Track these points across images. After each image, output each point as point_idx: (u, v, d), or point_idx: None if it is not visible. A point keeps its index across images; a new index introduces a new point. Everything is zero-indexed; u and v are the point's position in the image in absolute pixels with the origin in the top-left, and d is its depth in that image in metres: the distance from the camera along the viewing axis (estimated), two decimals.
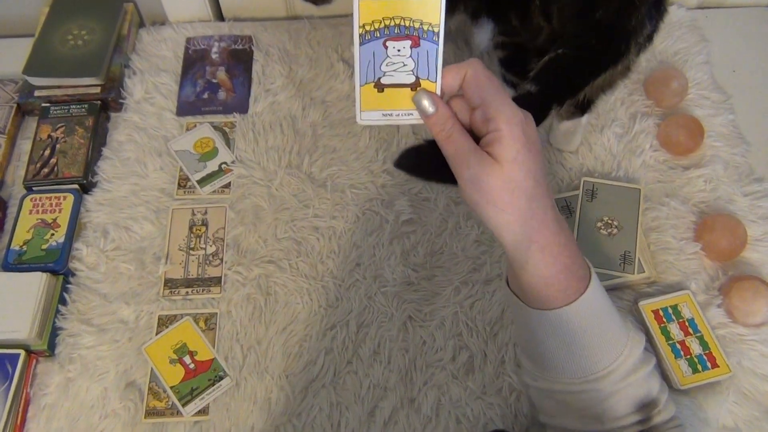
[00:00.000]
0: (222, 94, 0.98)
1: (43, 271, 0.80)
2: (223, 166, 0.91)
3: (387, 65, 0.50)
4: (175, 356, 0.78)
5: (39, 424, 0.74)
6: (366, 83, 0.51)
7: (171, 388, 0.76)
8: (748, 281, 0.78)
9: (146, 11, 1.07)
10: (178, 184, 0.90)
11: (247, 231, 0.86)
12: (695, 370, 0.74)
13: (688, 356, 0.75)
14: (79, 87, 0.95)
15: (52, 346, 0.78)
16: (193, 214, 0.88)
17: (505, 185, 0.50)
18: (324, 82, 0.99)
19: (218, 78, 0.99)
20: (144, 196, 0.89)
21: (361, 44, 0.50)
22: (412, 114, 0.52)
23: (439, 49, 0.50)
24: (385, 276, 0.82)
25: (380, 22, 0.49)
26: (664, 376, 0.75)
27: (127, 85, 0.98)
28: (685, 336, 0.76)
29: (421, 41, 0.50)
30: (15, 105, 0.95)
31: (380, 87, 0.51)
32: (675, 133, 0.89)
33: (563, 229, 0.54)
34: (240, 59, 1.01)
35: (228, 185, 0.90)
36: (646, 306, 0.78)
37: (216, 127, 0.95)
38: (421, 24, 0.49)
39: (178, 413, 0.74)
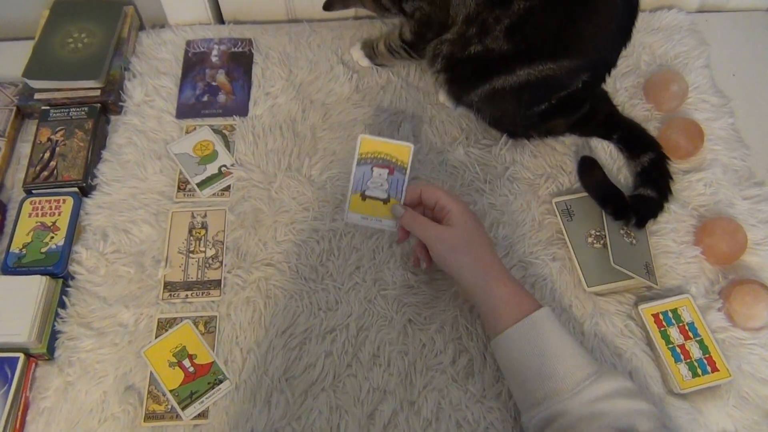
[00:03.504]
0: (222, 97, 0.98)
1: (43, 274, 0.80)
2: (222, 169, 0.91)
3: (371, 183, 0.75)
4: (174, 359, 0.77)
5: (38, 428, 0.74)
6: (355, 192, 0.75)
7: (170, 391, 0.75)
8: (748, 285, 0.78)
9: (146, 14, 1.07)
10: (178, 187, 0.90)
11: (246, 234, 0.86)
12: (695, 374, 0.74)
13: (688, 360, 0.75)
14: (78, 90, 0.95)
15: (51, 350, 0.78)
16: (193, 217, 0.87)
17: (458, 237, 0.71)
18: (324, 84, 0.99)
19: (218, 81, 0.99)
20: (143, 199, 0.89)
21: (357, 164, 0.75)
22: (381, 221, 0.75)
23: (406, 179, 0.75)
24: (384, 279, 0.82)
25: (372, 154, 0.75)
26: (664, 380, 0.75)
27: (126, 87, 0.98)
28: (685, 340, 0.76)
29: (395, 172, 0.75)
30: (15, 108, 0.95)
31: (364, 197, 0.75)
32: (675, 136, 0.89)
33: (508, 270, 0.73)
34: (240, 62, 1.01)
35: (228, 188, 0.90)
36: (646, 309, 0.78)
37: (216, 130, 0.94)
38: (397, 161, 0.75)
39: (178, 417, 0.74)
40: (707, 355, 0.75)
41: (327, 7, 0.96)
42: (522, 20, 0.76)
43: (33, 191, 0.88)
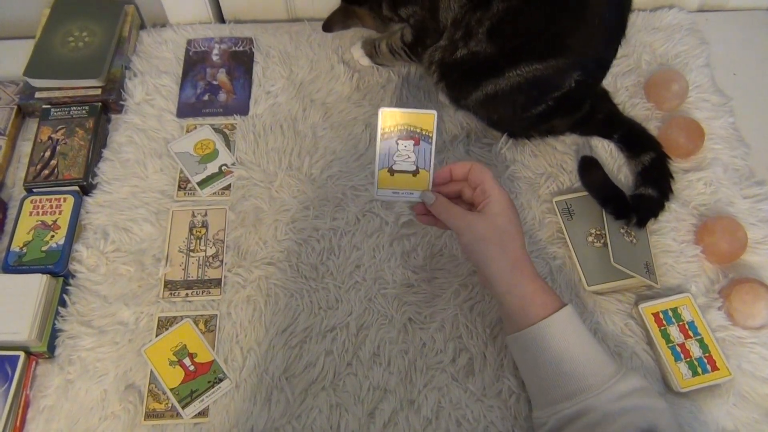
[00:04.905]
0: (222, 96, 0.98)
1: (43, 272, 0.80)
2: (223, 167, 0.91)
3: (397, 157, 0.70)
4: (174, 358, 0.77)
5: (38, 426, 0.74)
6: (382, 168, 0.71)
7: (171, 390, 0.76)
8: (748, 284, 0.78)
9: (147, 13, 1.07)
10: (179, 186, 0.90)
11: (247, 233, 0.86)
12: (695, 373, 0.74)
13: (688, 359, 0.75)
14: (79, 89, 0.95)
15: (51, 348, 0.78)
16: (193, 215, 0.88)
17: (491, 227, 0.68)
18: (324, 83, 0.99)
19: (219, 80, 0.99)
20: (144, 197, 0.89)
21: (381, 141, 0.70)
22: (413, 194, 0.72)
23: (432, 148, 0.71)
24: (385, 278, 0.82)
25: (395, 127, 0.70)
26: (664, 379, 0.75)
27: (127, 86, 0.98)
28: (685, 339, 0.76)
29: (421, 142, 0.71)
30: (16, 107, 0.95)
31: (392, 172, 0.71)
32: (675, 135, 0.89)
33: (534, 267, 0.69)
34: (240, 61, 1.01)
35: (228, 187, 0.90)
36: (647, 308, 0.78)
37: (216, 129, 0.95)
38: (421, 130, 0.70)
39: (178, 415, 0.74)
40: (707, 354, 0.75)
41: (326, 28, 0.96)
42: (502, 21, 0.75)
43: (34, 190, 0.88)
